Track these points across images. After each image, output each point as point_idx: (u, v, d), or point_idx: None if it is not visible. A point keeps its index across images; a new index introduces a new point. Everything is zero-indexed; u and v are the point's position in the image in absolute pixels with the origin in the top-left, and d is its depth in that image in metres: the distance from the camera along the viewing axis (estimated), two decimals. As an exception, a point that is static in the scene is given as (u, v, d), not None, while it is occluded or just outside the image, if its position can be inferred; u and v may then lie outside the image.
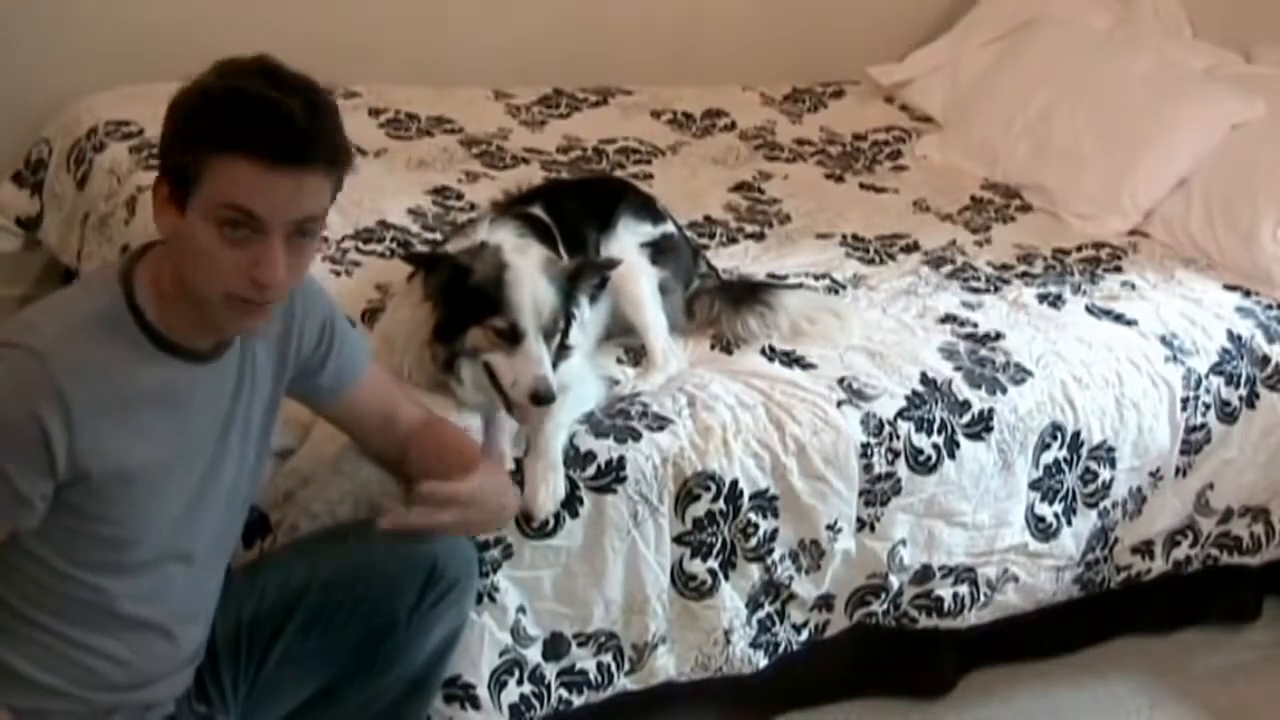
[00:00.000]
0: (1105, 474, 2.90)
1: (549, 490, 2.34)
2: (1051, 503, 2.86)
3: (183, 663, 2.05)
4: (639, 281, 2.74)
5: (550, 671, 2.46)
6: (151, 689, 2.01)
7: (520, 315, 2.35)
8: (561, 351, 2.46)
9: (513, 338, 2.36)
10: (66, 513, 1.83)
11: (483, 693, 2.37)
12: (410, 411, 2.26)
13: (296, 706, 2.22)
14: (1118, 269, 3.37)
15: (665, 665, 2.55)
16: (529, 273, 2.39)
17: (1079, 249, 3.46)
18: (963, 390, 2.76)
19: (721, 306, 2.82)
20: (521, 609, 2.40)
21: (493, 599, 2.35)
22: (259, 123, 1.74)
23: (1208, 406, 3.02)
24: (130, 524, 1.89)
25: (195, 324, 1.88)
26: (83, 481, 1.82)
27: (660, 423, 2.51)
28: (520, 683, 2.42)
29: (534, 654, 2.43)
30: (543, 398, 2.32)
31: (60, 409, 1.77)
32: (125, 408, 1.84)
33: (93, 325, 1.84)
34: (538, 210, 2.73)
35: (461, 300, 2.38)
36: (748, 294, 2.86)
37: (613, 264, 2.62)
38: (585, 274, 2.52)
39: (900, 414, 2.68)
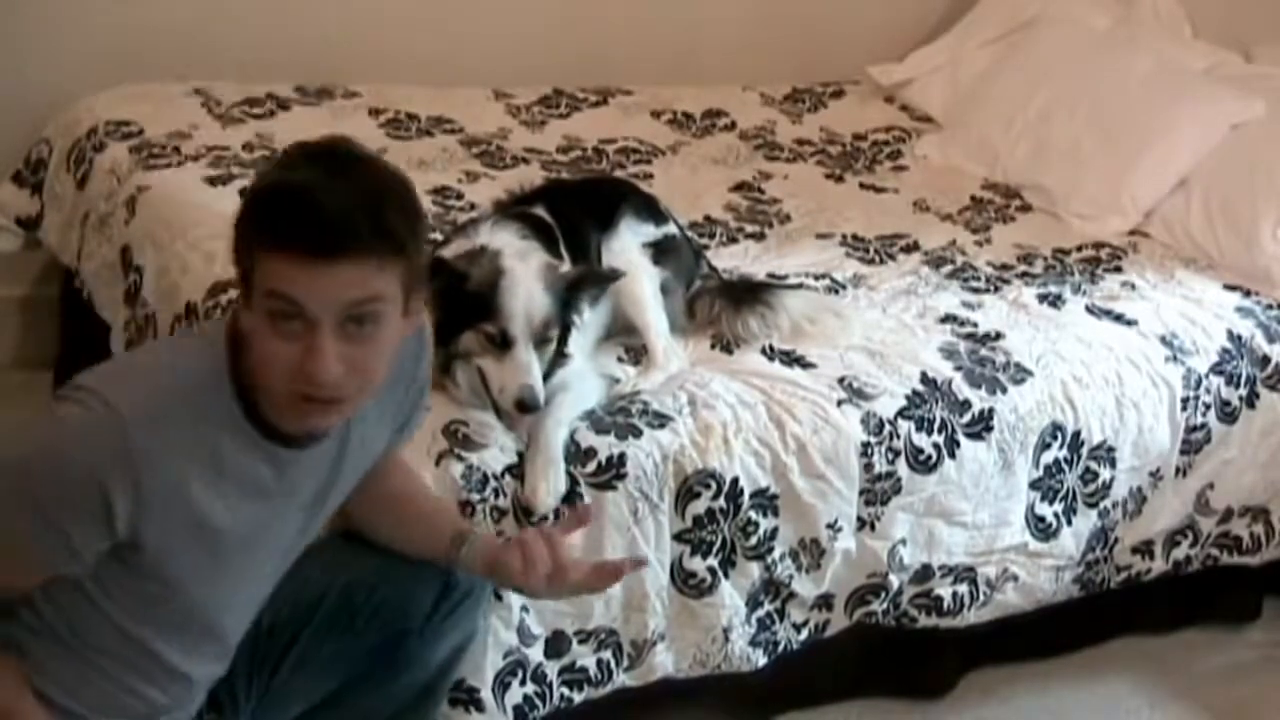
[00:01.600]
0: (1105, 474, 2.90)
1: (549, 485, 2.34)
2: (1051, 502, 2.86)
3: (201, 692, 2.04)
4: (640, 281, 2.75)
5: (552, 670, 2.46)
6: (170, 715, 2.01)
7: (511, 322, 2.36)
8: (559, 359, 2.46)
9: (503, 344, 2.36)
10: (116, 563, 1.81)
11: (487, 695, 2.37)
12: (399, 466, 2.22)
13: (304, 711, 2.21)
14: (1118, 269, 3.37)
15: (664, 662, 2.55)
16: (525, 279, 2.39)
17: (1079, 249, 3.46)
18: (963, 390, 2.76)
19: (722, 306, 2.82)
20: (525, 608, 2.40)
21: (499, 597, 2.35)
22: (289, 216, 1.70)
23: (1208, 406, 3.02)
24: (184, 591, 1.87)
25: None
26: (139, 550, 1.79)
27: (661, 420, 2.51)
28: (523, 683, 2.42)
29: (536, 653, 2.43)
30: (527, 406, 2.34)
31: (129, 481, 1.72)
32: (207, 487, 1.79)
33: (190, 395, 1.78)
34: (540, 210, 2.73)
35: (458, 304, 2.39)
36: (749, 294, 2.86)
37: (615, 275, 2.62)
38: (586, 283, 2.53)
39: (900, 413, 2.68)
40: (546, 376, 2.42)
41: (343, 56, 3.91)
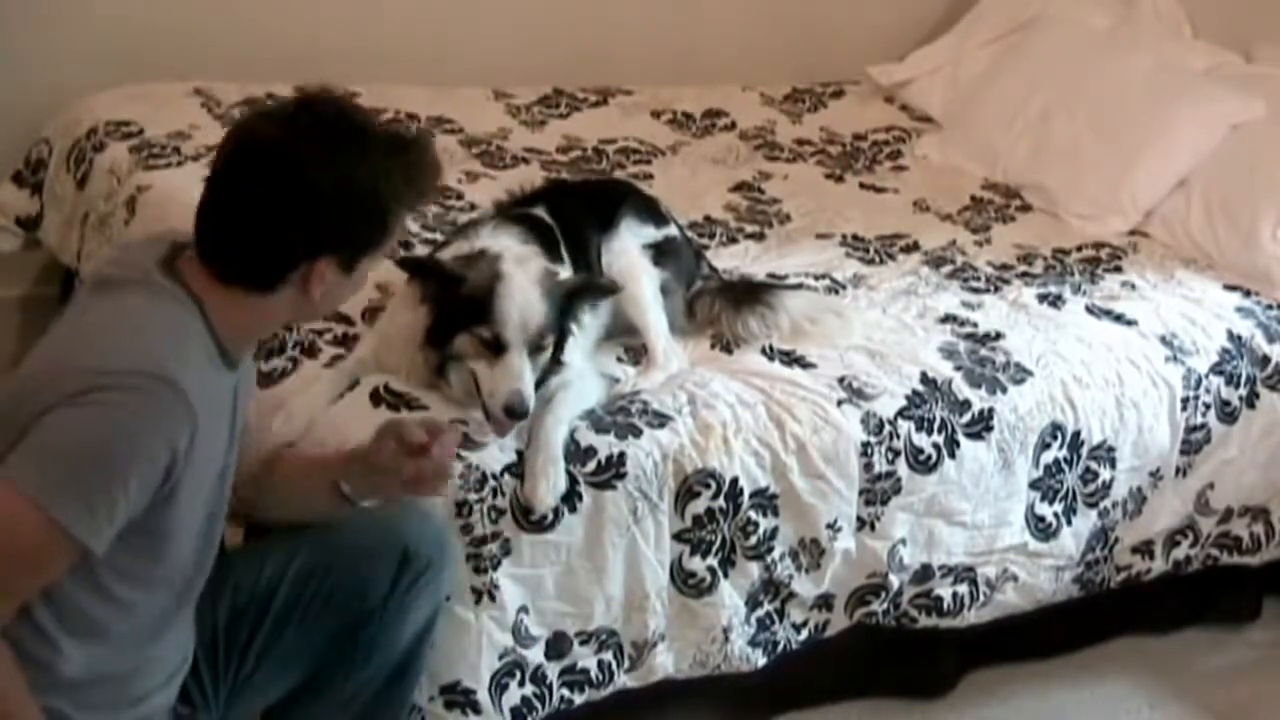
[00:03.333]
0: (1105, 474, 2.90)
1: (549, 484, 2.34)
2: (1051, 502, 2.86)
3: (176, 669, 2.05)
4: (641, 282, 2.75)
5: (552, 671, 2.46)
6: (150, 701, 2.02)
7: (505, 327, 2.35)
8: (554, 366, 2.46)
9: (496, 348, 2.36)
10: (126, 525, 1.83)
11: (483, 697, 2.37)
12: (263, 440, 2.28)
13: (287, 702, 2.23)
14: (1118, 269, 3.37)
15: (664, 662, 2.55)
16: (521, 285, 2.39)
17: (1079, 249, 3.46)
18: (963, 390, 2.76)
19: (722, 307, 2.82)
20: (524, 609, 2.40)
21: (492, 598, 2.35)
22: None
23: (1208, 406, 3.02)
24: (173, 534, 1.90)
25: (252, 340, 2.02)
26: (168, 501, 1.85)
27: (661, 420, 2.51)
28: (521, 684, 2.42)
29: (536, 654, 2.43)
30: (516, 412, 2.33)
31: (190, 436, 1.82)
32: (210, 421, 1.89)
33: (195, 346, 1.88)
34: (540, 211, 2.73)
35: (453, 307, 2.39)
36: (749, 294, 2.86)
37: (615, 288, 2.62)
38: (586, 293, 2.52)
39: (900, 413, 2.68)
40: (540, 383, 2.42)
41: (343, 56, 3.90)
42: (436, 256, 2.57)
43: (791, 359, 2.75)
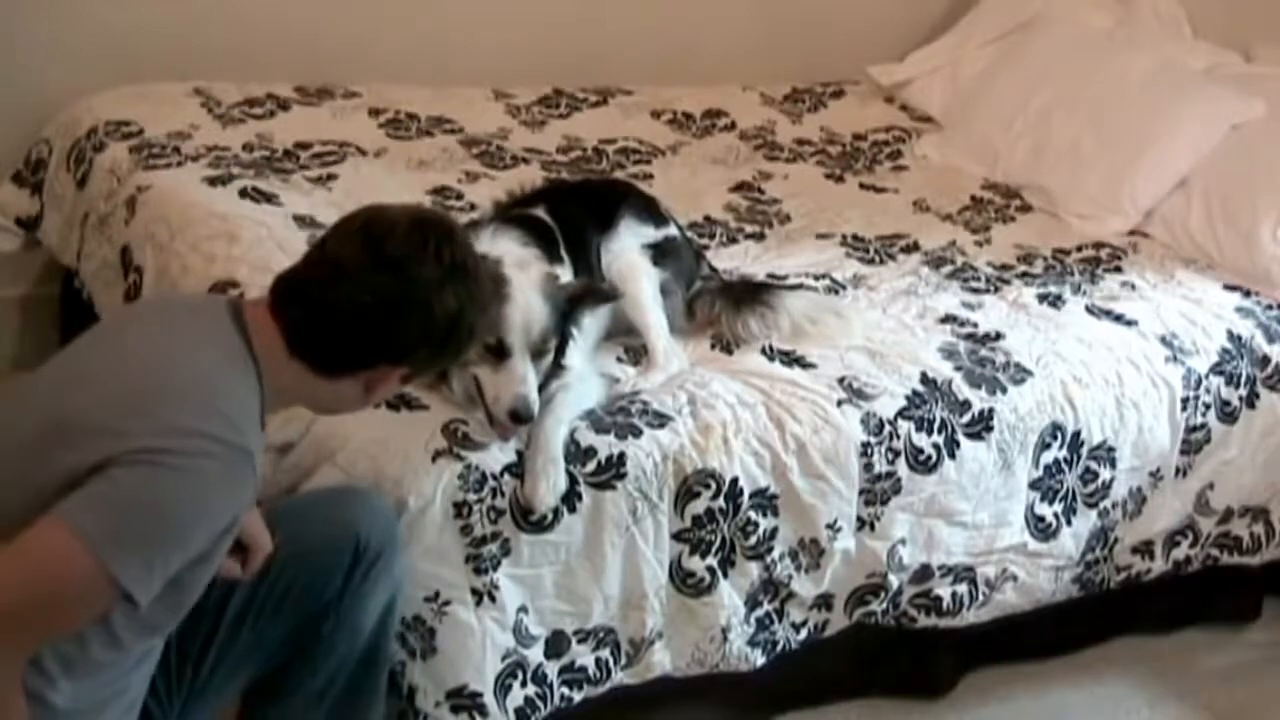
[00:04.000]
0: (1105, 474, 2.90)
1: (549, 484, 2.34)
2: (1051, 502, 2.86)
3: (140, 695, 2.05)
4: (640, 282, 2.75)
5: (552, 670, 2.46)
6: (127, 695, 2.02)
7: (508, 332, 2.36)
8: (556, 371, 2.46)
9: (500, 353, 2.36)
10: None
11: (489, 699, 2.37)
12: None
13: (261, 701, 2.23)
14: (1118, 269, 3.37)
15: (662, 660, 2.56)
16: (524, 290, 2.39)
17: (1079, 249, 3.46)
18: (963, 390, 2.76)
19: (723, 307, 2.82)
20: (523, 609, 2.40)
21: (493, 599, 2.35)
22: None
23: (1208, 406, 3.01)
24: (197, 587, 1.93)
25: (287, 407, 2.09)
26: (207, 554, 1.87)
27: (661, 420, 2.51)
28: (524, 685, 2.42)
29: (536, 654, 2.43)
30: (521, 416, 2.34)
31: (251, 499, 1.91)
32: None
33: (254, 410, 1.92)
34: (540, 212, 2.73)
35: None
36: (749, 294, 2.86)
37: (615, 294, 2.63)
38: (587, 298, 2.53)
39: (900, 413, 2.68)
40: (543, 387, 2.42)
41: (343, 56, 3.91)
42: None
43: (791, 359, 2.75)
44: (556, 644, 2.45)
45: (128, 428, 1.77)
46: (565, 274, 2.64)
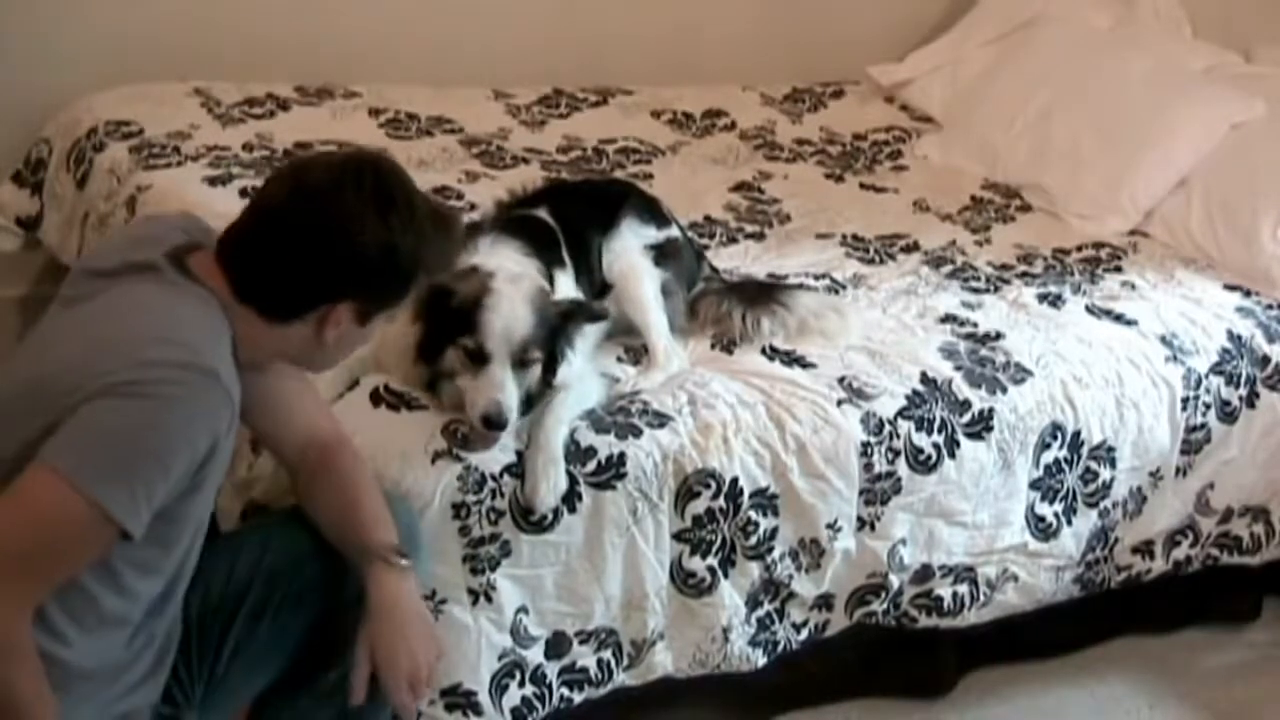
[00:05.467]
0: (1105, 474, 2.90)
1: (549, 484, 2.34)
2: (1051, 502, 2.86)
3: (161, 658, 2.06)
4: (642, 283, 2.75)
5: (552, 671, 2.46)
6: (137, 693, 2.02)
7: (488, 338, 2.35)
8: (544, 388, 2.45)
9: (479, 359, 2.36)
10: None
11: (484, 698, 2.37)
12: (318, 423, 2.25)
13: (274, 696, 2.23)
14: (1118, 269, 3.37)
15: (663, 661, 2.56)
16: (509, 300, 2.38)
17: (1079, 249, 3.46)
18: (963, 390, 2.76)
19: (730, 306, 2.82)
20: (523, 609, 2.40)
21: (489, 599, 2.35)
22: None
23: (1208, 406, 3.01)
24: (186, 521, 1.95)
25: (255, 358, 2.02)
26: (195, 485, 1.89)
27: (661, 420, 2.51)
28: (521, 685, 2.42)
29: (536, 654, 2.43)
30: (493, 422, 2.33)
31: (229, 424, 1.90)
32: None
33: (224, 341, 1.94)
34: (542, 213, 2.73)
35: (442, 320, 2.39)
36: (759, 294, 2.86)
37: (604, 314, 2.62)
38: (579, 315, 2.52)
39: (900, 413, 2.68)
40: (530, 403, 2.41)
41: (343, 56, 3.91)
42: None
43: (791, 359, 2.75)
44: (558, 645, 2.45)
45: (96, 368, 1.81)
46: (567, 276, 2.64)
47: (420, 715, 2.33)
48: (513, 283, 2.43)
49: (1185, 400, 2.98)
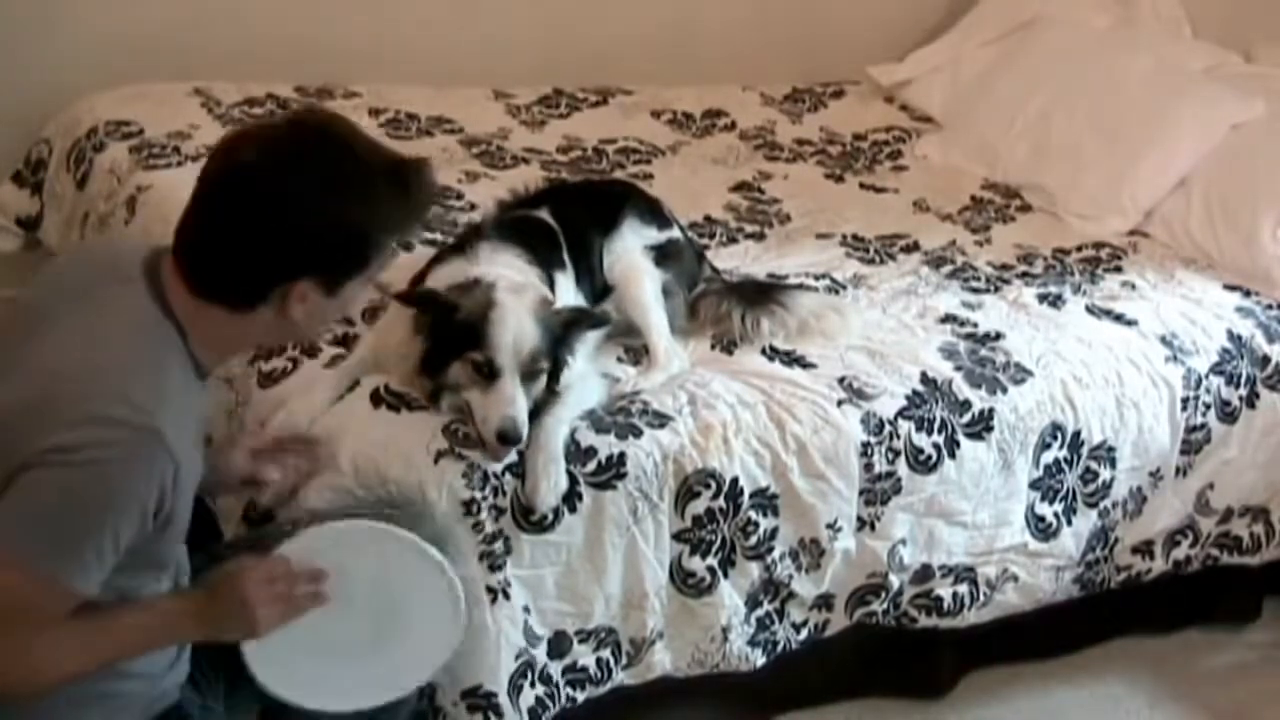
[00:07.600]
0: (1105, 474, 2.90)
1: (550, 484, 2.34)
2: (1052, 502, 2.86)
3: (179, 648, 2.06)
4: (642, 283, 2.75)
5: (556, 670, 2.46)
6: (175, 670, 2.03)
7: (498, 352, 2.34)
8: (549, 396, 2.44)
9: (489, 374, 2.35)
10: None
11: (504, 700, 2.37)
12: None
13: None
14: (1118, 269, 3.37)
15: (662, 660, 2.56)
16: (515, 312, 2.37)
17: (1079, 249, 3.46)
18: (963, 390, 2.76)
19: (731, 306, 2.81)
20: (526, 609, 2.40)
21: (507, 596, 2.35)
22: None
23: (1208, 406, 3.02)
24: (172, 543, 1.94)
25: (227, 356, 2.01)
26: (168, 522, 1.87)
27: (661, 420, 2.51)
28: (534, 684, 2.42)
29: (541, 654, 2.44)
30: (509, 438, 2.32)
31: (174, 474, 1.83)
32: (191, 434, 1.91)
33: (173, 374, 1.87)
34: (543, 214, 2.73)
35: (447, 334, 2.38)
36: (759, 294, 2.86)
37: (607, 319, 2.61)
38: (581, 323, 2.51)
39: (900, 413, 2.68)
40: (535, 412, 2.40)
41: (343, 56, 3.91)
42: (432, 288, 2.51)
43: (791, 359, 2.75)
44: (559, 644, 2.45)
45: (38, 425, 1.77)
46: (568, 278, 2.64)
47: (444, 714, 2.34)
48: (516, 294, 2.41)
49: (1185, 400, 2.98)
